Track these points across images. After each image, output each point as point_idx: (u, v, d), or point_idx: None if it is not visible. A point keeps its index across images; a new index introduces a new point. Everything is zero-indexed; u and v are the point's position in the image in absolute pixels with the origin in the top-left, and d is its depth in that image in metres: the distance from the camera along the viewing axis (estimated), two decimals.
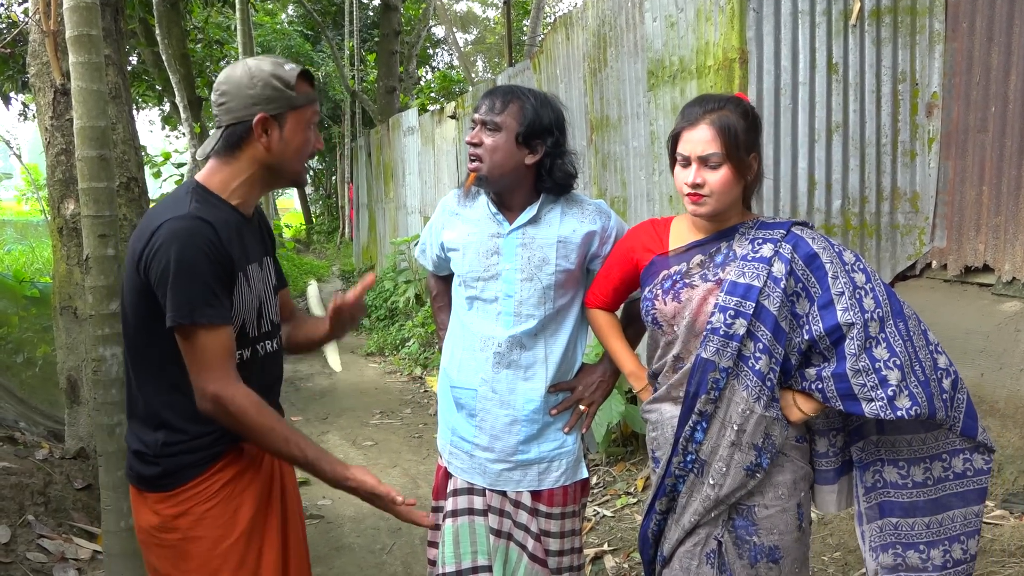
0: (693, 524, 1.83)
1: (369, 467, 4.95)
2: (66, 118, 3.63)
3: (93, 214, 2.62)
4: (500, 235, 2.09)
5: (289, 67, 1.70)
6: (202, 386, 1.60)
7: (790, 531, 1.80)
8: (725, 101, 1.80)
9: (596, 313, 2.10)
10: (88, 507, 3.62)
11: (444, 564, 2.12)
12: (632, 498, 3.99)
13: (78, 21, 2.56)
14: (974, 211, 3.30)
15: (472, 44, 28.16)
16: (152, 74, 11.63)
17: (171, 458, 1.68)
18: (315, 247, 21.91)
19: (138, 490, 1.74)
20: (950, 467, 1.79)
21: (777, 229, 1.80)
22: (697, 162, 1.78)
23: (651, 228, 1.97)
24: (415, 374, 7.44)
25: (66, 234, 3.82)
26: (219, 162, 1.71)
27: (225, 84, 1.68)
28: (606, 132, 4.62)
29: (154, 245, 1.58)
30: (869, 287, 1.72)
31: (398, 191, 11.04)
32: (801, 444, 1.84)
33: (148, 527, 1.72)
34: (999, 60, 3.15)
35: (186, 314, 1.56)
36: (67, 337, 3.91)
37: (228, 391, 1.60)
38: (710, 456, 1.79)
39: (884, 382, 1.67)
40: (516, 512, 2.13)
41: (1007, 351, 2.90)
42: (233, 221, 1.69)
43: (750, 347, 1.74)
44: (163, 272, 1.57)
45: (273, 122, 1.67)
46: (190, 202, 1.63)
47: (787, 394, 1.81)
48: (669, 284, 1.85)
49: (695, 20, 3.55)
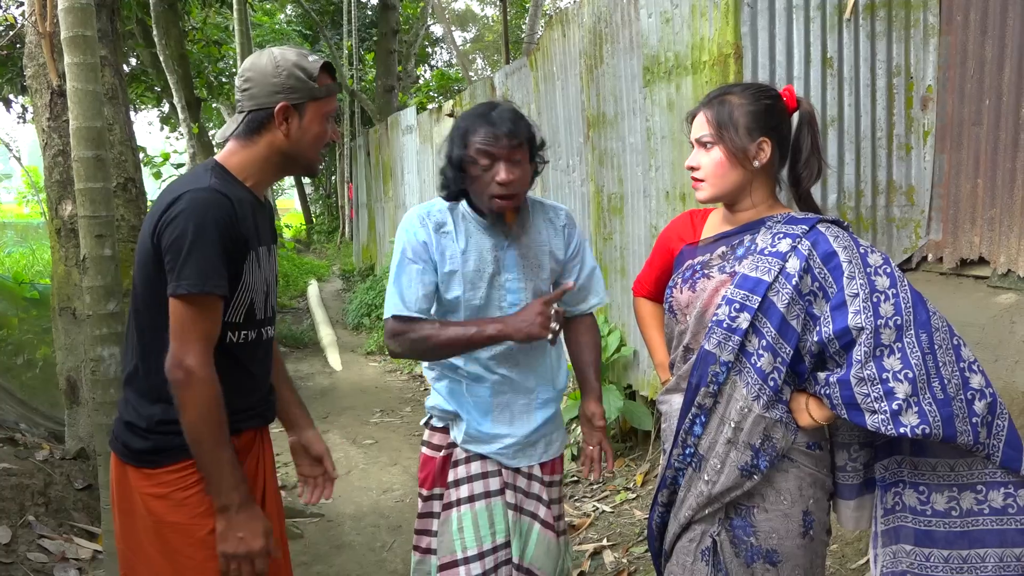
0: (688, 519, 1.80)
1: (369, 466, 4.98)
2: (63, 119, 3.64)
3: (90, 215, 2.63)
4: (501, 248, 2.15)
5: (313, 59, 1.75)
6: (182, 356, 1.59)
7: (791, 537, 1.72)
8: (738, 86, 1.80)
9: (641, 302, 2.12)
10: (88, 507, 3.64)
11: (464, 549, 2.15)
12: (631, 494, 4.00)
13: (73, 22, 2.56)
14: (969, 204, 3.30)
15: (470, 42, 28.14)
16: (151, 75, 11.65)
17: (163, 436, 1.69)
18: (315, 247, 21.91)
19: (120, 461, 1.75)
20: (986, 500, 1.64)
21: (801, 225, 1.73)
22: (696, 145, 1.79)
23: (688, 219, 1.99)
24: (415, 372, 7.45)
25: (64, 235, 3.83)
26: (238, 145, 1.76)
27: (250, 71, 1.73)
28: (603, 129, 4.63)
29: (172, 213, 1.61)
30: (892, 292, 1.62)
31: (397, 190, 11.04)
32: (813, 451, 1.75)
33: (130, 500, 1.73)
34: (993, 53, 3.15)
35: (196, 283, 1.58)
36: (66, 338, 3.92)
37: (205, 371, 1.60)
38: (707, 452, 1.75)
39: (890, 394, 1.57)
40: (529, 484, 2.24)
41: (1002, 343, 2.90)
42: (248, 200, 1.74)
43: (754, 343, 1.69)
44: (177, 239, 1.59)
45: (294, 111, 1.73)
46: (210, 178, 1.68)
47: (801, 397, 1.73)
48: (689, 274, 1.84)
49: (690, 16, 3.55)
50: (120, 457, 1.75)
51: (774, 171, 1.81)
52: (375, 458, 5.13)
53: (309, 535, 3.96)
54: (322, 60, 1.76)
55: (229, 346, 1.73)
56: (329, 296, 12.50)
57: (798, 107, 1.81)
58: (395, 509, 4.27)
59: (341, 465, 4.99)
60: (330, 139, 1.82)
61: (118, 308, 2.71)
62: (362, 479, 4.75)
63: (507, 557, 2.17)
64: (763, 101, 1.75)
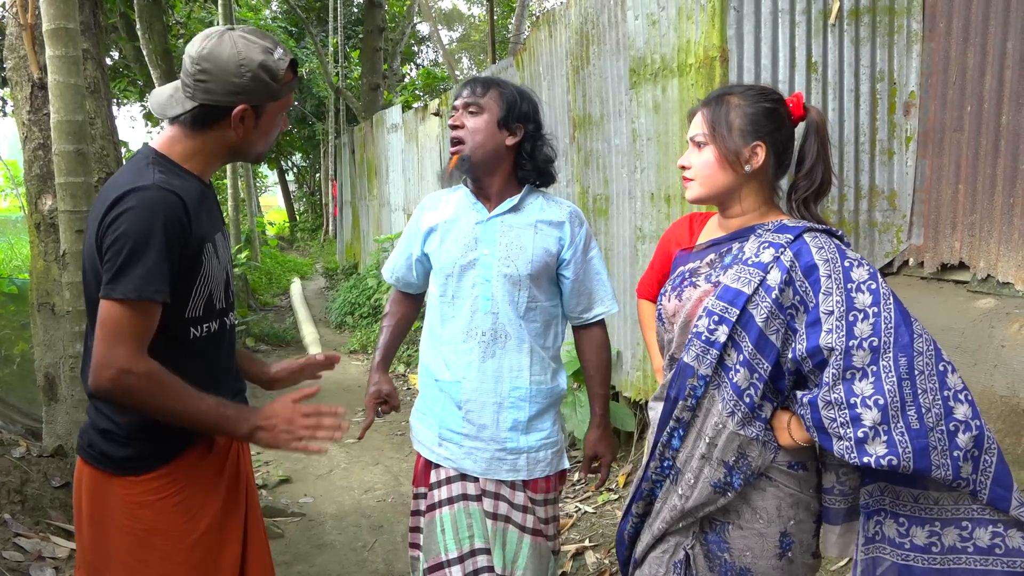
0: (662, 531, 1.75)
1: (351, 464, 4.95)
2: (43, 112, 3.59)
3: (70, 209, 2.60)
4: (480, 222, 2.14)
5: (279, 55, 1.63)
6: (110, 359, 1.49)
7: (766, 557, 1.66)
8: (740, 87, 1.76)
9: (643, 304, 2.11)
10: (66, 505, 3.59)
11: (446, 551, 2.15)
12: (613, 495, 4.01)
13: (55, 14, 2.53)
14: (950, 209, 3.34)
15: (457, 42, 28.10)
16: (133, 69, 11.53)
17: (144, 442, 1.63)
18: (299, 245, 21.80)
19: (99, 471, 1.66)
20: (971, 538, 1.54)
21: (787, 234, 1.64)
22: (690, 143, 1.76)
23: (688, 223, 1.96)
24: (398, 372, 7.43)
25: (44, 230, 3.79)
26: (182, 133, 1.64)
27: (208, 62, 1.58)
28: (588, 130, 4.63)
29: (116, 211, 1.51)
30: (873, 311, 1.52)
31: (382, 188, 11.00)
32: (796, 472, 1.68)
33: (109, 510, 1.65)
34: (975, 60, 3.18)
35: (133, 289, 1.48)
36: (44, 334, 3.87)
37: (140, 364, 1.51)
38: (684, 465, 1.70)
39: (856, 420, 1.50)
40: (513, 494, 2.18)
41: (981, 347, 2.94)
42: (196, 191, 1.63)
43: (732, 357, 1.63)
44: (117, 240, 1.49)
45: (252, 112, 1.63)
46: (153, 172, 1.56)
47: (784, 416, 1.66)
48: (679, 281, 1.79)
49: (677, 18, 3.57)
50: (97, 466, 1.66)
51: (769, 178, 1.74)
52: (357, 457, 5.11)
53: (290, 534, 3.94)
54: (289, 57, 1.66)
55: (193, 342, 1.65)
56: (312, 294, 12.44)
57: (806, 115, 1.75)
58: (377, 509, 4.26)
59: (322, 464, 4.96)
60: (280, 129, 1.74)
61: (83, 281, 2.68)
62: (344, 478, 4.73)
63: (487, 564, 2.14)
64: (762, 104, 1.70)
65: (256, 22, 18.24)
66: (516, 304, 2.13)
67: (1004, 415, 2.79)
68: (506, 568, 2.15)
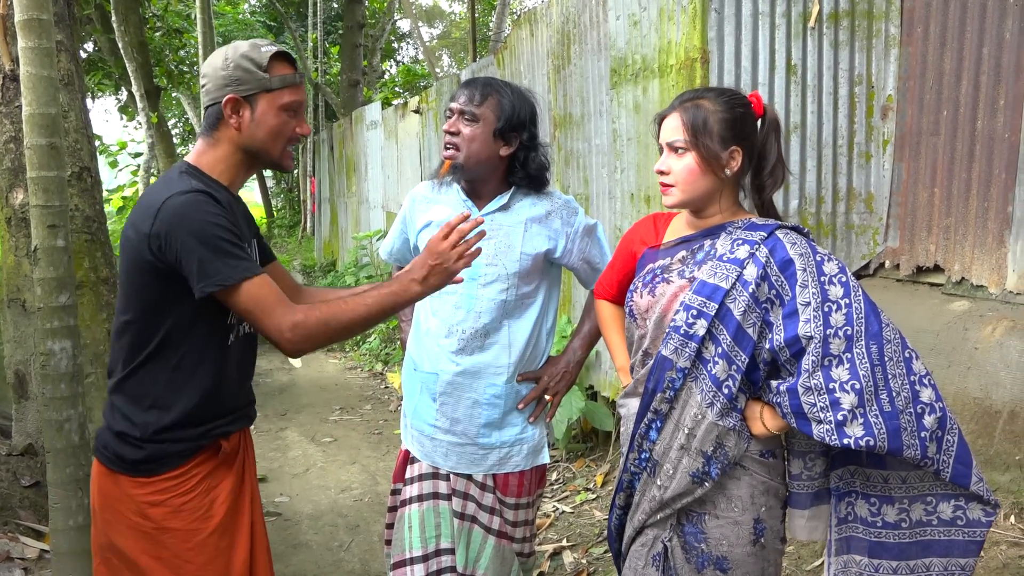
0: (642, 523, 1.80)
1: (328, 463, 4.92)
2: (15, 105, 3.53)
3: (43, 204, 2.55)
4: None
5: (265, 48, 1.69)
6: (277, 326, 1.59)
7: (742, 544, 1.73)
8: (710, 91, 1.78)
9: (602, 304, 2.09)
10: (36, 505, 3.53)
11: (411, 548, 2.15)
12: (591, 494, 4.01)
13: (28, 4, 2.48)
14: (926, 212, 3.37)
15: (437, 39, 28.02)
16: (108, 62, 11.37)
17: (159, 444, 1.67)
18: (276, 241, 21.59)
19: (110, 471, 1.71)
20: (935, 511, 1.66)
21: (760, 231, 1.72)
22: (667, 149, 1.77)
23: (652, 222, 1.97)
24: (376, 370, 7.39)
25: (15, 224, 3.72)
26: (204, 143, 1.74)
27: (207, 67, 1.72)
28: (569, 129, 4.63)
29: (163, 224, 1.57)
30: (845, 302, 1.61)
31: (360, 185, 10.95)
32: (767, 460, 1.75)
33: (121, 509, 1.70)
34: (951, 65, 3.22)
35: (228, 276, 1.57)
36: (15, 330, 3.81)
37: (296, 312, 1.61)
38: (662, 457, 1.75)
39: (835, 404, 1.58)
40: (482, 495, 2.18)
41: (955, 349, 2.97)
42: (226, 199, 1.70)
43: (710, 350, 1.69)
44: (185, 247, 1.56)
45: (244, 103, 1.67)
46: (188, 180, 1.65)
47: (756, 406, 1.73)
48: (650, 278, 1.82)
49: (658, 19, 3.57)
50: (111, 467, 1.71)
51: (741, 178, 1.80)
52: (334, 456, 5.08)
53: None
54: (275, 49, 1.70)
55: (232, 346, 1.74)
56: None
57: (764, 114, 1.80)
58: (353, 508, 4.23)
59: (299, 463, 4.93)
60: (295, 133, 1.74)
61: (70, 301, 2.63)
62: (320, 478, 4.69)
63: (450, 564, 2.15)
64: (737, 109, 1.74)
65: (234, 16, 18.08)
66: (503, 303, 2.13)
67: (977, 416, 2.83)
68: (467, 567, 2.16)
